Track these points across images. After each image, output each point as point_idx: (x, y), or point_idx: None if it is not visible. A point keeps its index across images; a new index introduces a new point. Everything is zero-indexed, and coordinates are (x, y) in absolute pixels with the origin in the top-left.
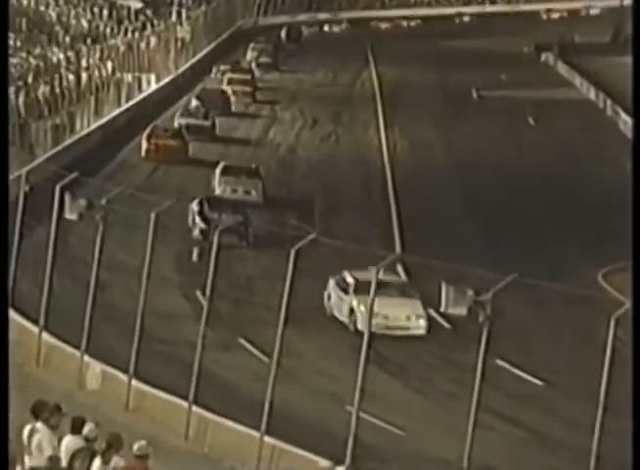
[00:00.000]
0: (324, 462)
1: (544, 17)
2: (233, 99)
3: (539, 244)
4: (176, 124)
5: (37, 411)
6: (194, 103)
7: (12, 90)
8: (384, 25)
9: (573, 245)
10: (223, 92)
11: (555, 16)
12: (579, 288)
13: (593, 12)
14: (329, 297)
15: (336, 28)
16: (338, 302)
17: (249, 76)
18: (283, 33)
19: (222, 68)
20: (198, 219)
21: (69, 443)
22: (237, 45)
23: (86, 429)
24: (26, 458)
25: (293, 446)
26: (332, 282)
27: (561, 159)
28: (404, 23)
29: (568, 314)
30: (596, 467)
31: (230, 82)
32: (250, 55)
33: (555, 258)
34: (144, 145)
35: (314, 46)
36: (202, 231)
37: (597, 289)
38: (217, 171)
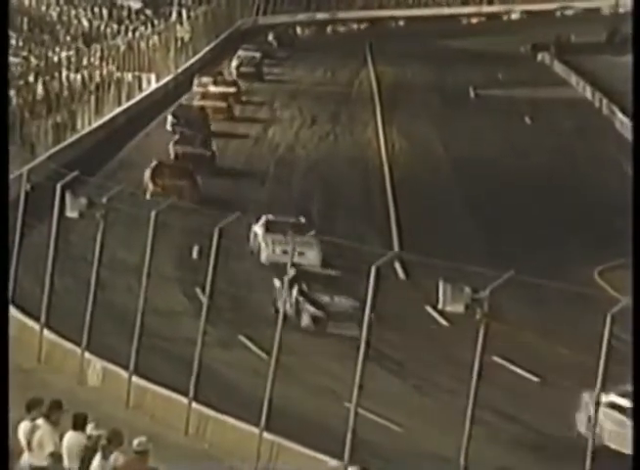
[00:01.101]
0: (333, 462)
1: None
2: (212, 116)
3: (536, 242)
4: (172, 153)
5: (31, 408)
6: (170, 120)
7: (13, 89)
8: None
9: (570, 243)
10: (202, 108)
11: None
12: (576, 285)
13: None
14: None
15: (337, 28)
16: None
17: (232, 89)
18: (271, 37)
19: (204, 79)
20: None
21: (71, 439)
22: (236, 44)
23: (89, 427)
24: (27, 455)
25: (292, 442)
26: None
27: (557, 157)
28: (401, 23)
29: (564, 312)
30: (592, 464)
31: (209, 97)
32: (234, 63)
33: (552, 256)
34: (150, 186)
35: (309, 49)
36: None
37: (593, 286)
38: (259, 229)
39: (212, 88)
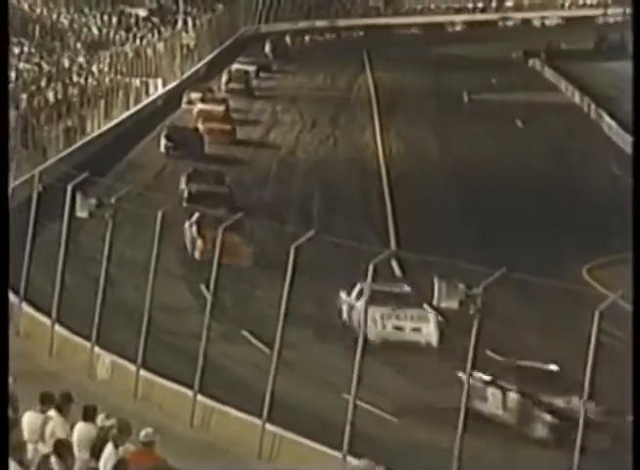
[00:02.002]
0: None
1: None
2: (207, 138)
3: (528, 241)
4: (186, 192)
5: (45, 401)
6: (163, 143)
7: (25, 94)
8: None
9: (560, 241)
10: (196, 129)
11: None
12: (565, 282)
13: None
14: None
15: (332, 35)
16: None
17: (221, 107)
18: (267, 48)
19: (193, 95)
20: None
21: (81, 429)
22: (240, 51)
23: (100, 418)
24: (40, 445)
25: (293, 433)
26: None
27: (547, 159)
28: (398, 31)
29: (554, 307)
30: (580, 456)
31: (200, 115)
32: (223, 78)
33: (542, 255)
34: (198, 243)
35: (304, 58)
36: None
37: (582, 283)
38: (358, 301)
39: (200, 105)
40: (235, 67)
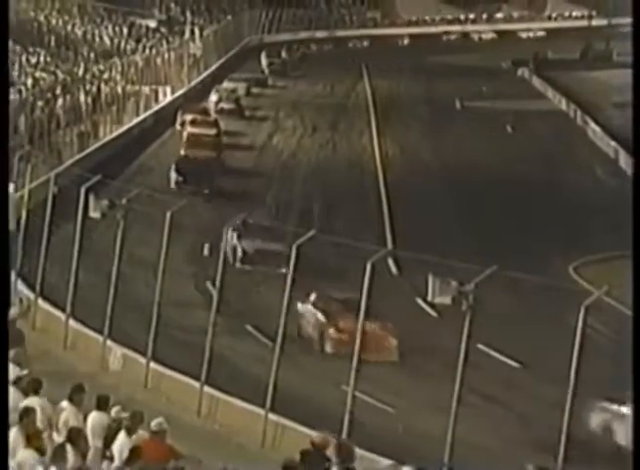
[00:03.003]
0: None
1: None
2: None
3: (517, 240)
4: (239, 251)
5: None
6: (173, 177)
7: (42, 101)
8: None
9: (548, 240)
10: (211, 159)
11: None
12: (553, 280)
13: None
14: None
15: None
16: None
17: (213, 131)
18: (264, 62)
19: (188, 117)
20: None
21: (95, 419)
22: (244, 60)
23: (114, 410)
24: (55, 435)
25: (295, 422)
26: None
27: (536, 162)
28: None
29: (543, 303)
30: (566, 440)
31: (189, 139)
32: (213, 97)
33: (531, 253)
34: (332, 334)
35: (303, 71)
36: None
37: (569, 280)
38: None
39: (190, 129)
40: (225, 85)
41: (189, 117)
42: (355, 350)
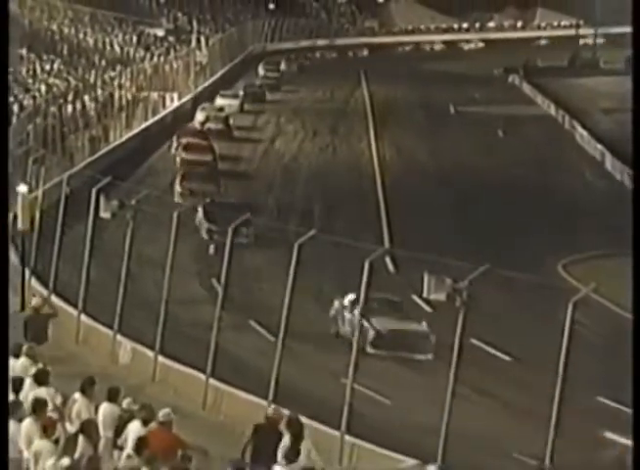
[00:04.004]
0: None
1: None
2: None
3: (509, 239)
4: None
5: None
6: (206, 227)
7: (55, 107)
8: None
9: (538, 239)
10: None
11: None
12: (543, 277)
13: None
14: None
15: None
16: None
17: (208, 158)
18: (261, 74)
19: (183, 140)
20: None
21: (106, 410)
22: (248, 67)
23: (126, 401)
24: (68, 425)
25: (296, 413)
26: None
27: (525, 165)
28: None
29: (533, 300)
30: (555, 429)
31: (182, 165)
32: (199, 116)
33: (522, 251)
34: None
35: (302, 82)
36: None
37: (557, 278)
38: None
39: (184, 155)
40: (216, 102)
41: (183, 141)
42: (354, 344)
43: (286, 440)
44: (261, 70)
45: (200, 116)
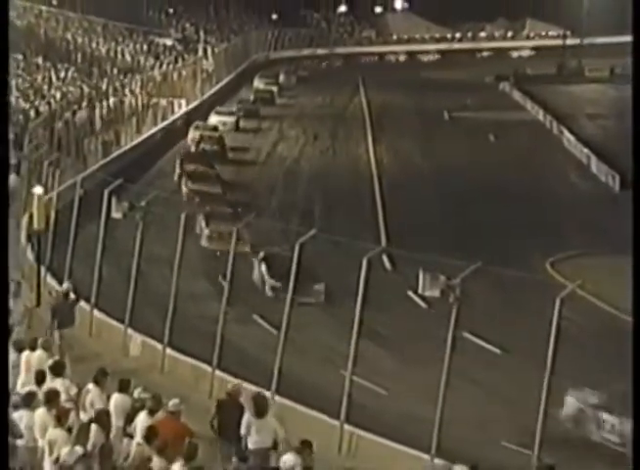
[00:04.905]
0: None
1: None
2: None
3: (499, 238)
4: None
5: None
6: (269, 284)
7: (69, 112)
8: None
9: (527, 239)
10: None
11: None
12: (532, 274)
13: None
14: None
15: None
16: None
17: (216, 190)
18: (257, 86)
19: (188, 167)
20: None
21: (117, 400)
22: (252, 74)
23: (137, 391)
24: (82, 414)
25: (297, 403)
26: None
27: (516, 168)
28: (390, 58)
29: (522, 296)
30: (543, 419)
31: (189, 198)
32: (192, 134)
33: (512, 250)
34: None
35: (300, 93)
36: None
37: (545, 275)
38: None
39: (190, 185)
40: (211, 119)
41: (191, 167)
42: (353, 336)
43: (250, 415)
44: (258, 83)
45: (193, 134)
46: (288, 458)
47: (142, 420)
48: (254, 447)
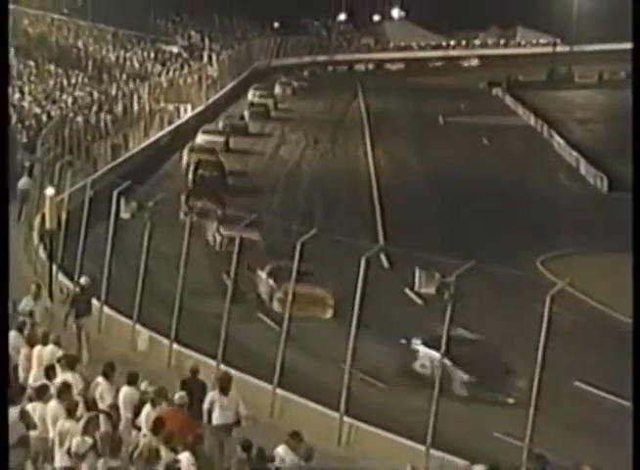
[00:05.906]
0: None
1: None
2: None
3: (492, 237)
4: None
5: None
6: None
7: (80, 117)
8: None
9: (518, 238)
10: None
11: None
12: (522, 272)
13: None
14: None
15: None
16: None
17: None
18: (250, 99)
19: (196, 204)
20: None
21: (126, 393)
22: (254, 80)
23: (143, 384)
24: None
25: (299, 396)
26: None
27: (508, 170)
28: (387, 65)
29: (514, 293)
30: (535, 411)
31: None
32: (186, 157)
33: (504, 249)
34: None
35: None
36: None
37: (536, 273)
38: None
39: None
40: (198, 140)
41: (196, 205)
42: (352, 331)
43: (214, 393)
44: (252, 97)
45: (188, 158)
46: (279, 451)
47: (145, 413)
48: (218, 423)
